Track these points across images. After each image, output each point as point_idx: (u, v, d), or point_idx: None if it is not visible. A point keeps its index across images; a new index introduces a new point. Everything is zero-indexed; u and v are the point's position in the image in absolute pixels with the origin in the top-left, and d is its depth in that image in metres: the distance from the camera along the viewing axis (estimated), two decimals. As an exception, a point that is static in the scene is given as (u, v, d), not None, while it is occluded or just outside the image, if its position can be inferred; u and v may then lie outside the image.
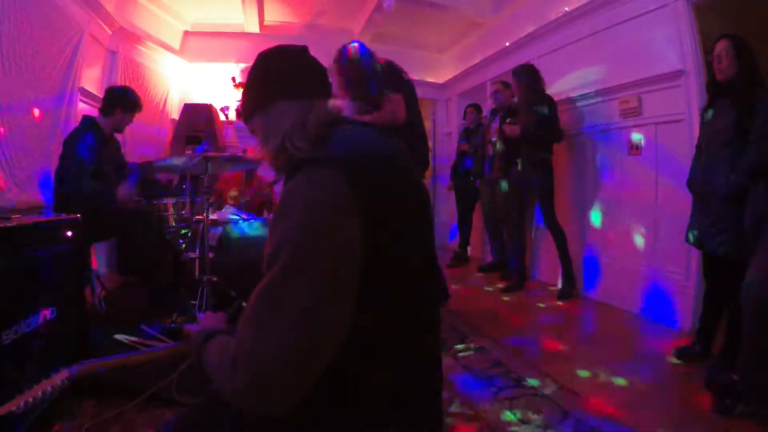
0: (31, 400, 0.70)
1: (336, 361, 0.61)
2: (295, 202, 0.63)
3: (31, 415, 1.36)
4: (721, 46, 1.94)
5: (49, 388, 0.72)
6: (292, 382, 0.59)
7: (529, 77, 3.31)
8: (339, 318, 0.60)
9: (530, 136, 3.24)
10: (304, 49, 0.86)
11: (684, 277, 2.61)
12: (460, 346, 2.36)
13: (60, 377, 0.74)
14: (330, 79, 0.86)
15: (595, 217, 3.32)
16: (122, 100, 2.56)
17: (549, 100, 3.29)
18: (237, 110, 4.41)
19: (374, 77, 2.46)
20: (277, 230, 0.63)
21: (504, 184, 3.73)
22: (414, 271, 0.70)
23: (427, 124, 5.10)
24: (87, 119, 2.54)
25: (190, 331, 0.84)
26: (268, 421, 0.65)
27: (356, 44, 2.54)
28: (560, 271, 3.32)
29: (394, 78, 2.56)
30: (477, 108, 4.60)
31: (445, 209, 5.53)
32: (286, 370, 0.58)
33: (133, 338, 0.92)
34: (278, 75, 0.82)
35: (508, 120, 3.37)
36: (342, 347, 0.61)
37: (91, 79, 3.52)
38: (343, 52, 2.49)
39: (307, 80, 0.83)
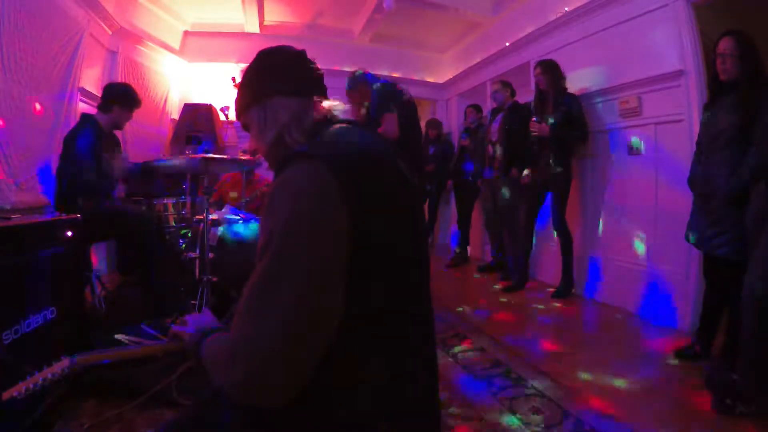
0: (32, 386, 0.73)
1: (328, 354, 0.62)
2: (283, 195, 0.65)
3: (33, 412, 1.36)
4: (725, 45, 1.90)
5: (49, 376, 0.75)
6: (289, 373, 0.60)
7: (556, 72, 3.23)
8: (330, 307, 0.61)
9: (559, 135, 3.13)
10: (302, 52, 0.89)
11: (684, 277, 2.61)
12: (459, 347, 2.36)
13: (61, 366, 0.76)
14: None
15: (595, 217, 3.32)
16: (120, 97, 2.55)
17: (573, 97, 3.20)
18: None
19: (375, 100, 2.76)
20: (266, 223, 0.64)
21: (504, 190, 3.73)
22: (403, 263, 0.71)
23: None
24: (85, 117, 2.53)
25: (177, 331, 0.85)
26: (264, 419, 0.66)
27: (360, 72, 2.90)
28: (561, 270, 3.32)
29: (391, 99, 2.77)
30: (477, 108, 4.60)
31: (445, 209, 5.53)
32: (283, 360, 0.59)
33: (133, 338, 0.92)
34: (278, 71, 0.85)
35: (534, 118, 3.25)
36: (334, 339, 0.62)
37: (91, 79, 3.53)
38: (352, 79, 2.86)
39: (305, 79, 0.86)
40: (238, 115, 0.90)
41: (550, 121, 3.15)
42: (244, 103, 0.87)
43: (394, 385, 0.70)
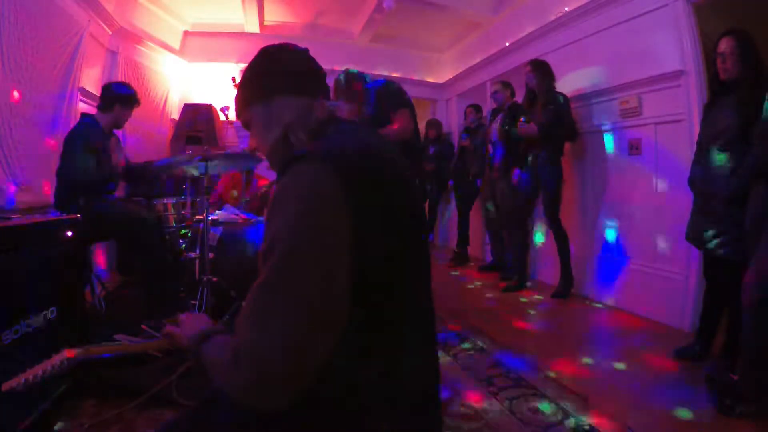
0: (31, 378, 0.73)
1: (331, 358, 0.61)
2: (287, 198, 0.64)
3: (34, 411, 1.36)
4: (726, 44, 1.90)
5: (48, 368, 0.75)
6: (294, 376, 0.59)
7: (546, 72, 3.24)
8: (335, 310, 0.61)
9: (548, 134, 3.15)
10: (306, 51, 0.89)
11: (684, 277, 2.61)
12: (459, 347, 2.36)
13: (59, 358, 0.76)
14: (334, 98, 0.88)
15: (595, 217, 3.32)
16: (120, 96, 2.55)
17: (562, 96, 3.23)
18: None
19: (382, 98, 2.64)
20: (270, 226, 0.64)
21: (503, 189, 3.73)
22: (404, 263, 0.71)
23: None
24: (85, 117, 2.54)
25: (172, 330, 0.84)
26: (265, 419, 0.66)
27: (355, 71, 2.73)
28: (560, 270, 3.32)
29: (396, 96, 2.69)
30: (477, 108, 4.60)
31: (445, 209, 5.53)
32: (287, 364, 0.58)
33: (134, 338, 0.92)
34: (283, 69, 0.84)
35: (522, 119, 3.27)
36: (337, 342, 0.62)
37: (91, 79, 3.52)
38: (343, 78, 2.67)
39: (309, 79, 0.85)
40: (239, 113, 0.89)
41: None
42: (246, 101, 0.86)
43: (396, 385, 0.70)
